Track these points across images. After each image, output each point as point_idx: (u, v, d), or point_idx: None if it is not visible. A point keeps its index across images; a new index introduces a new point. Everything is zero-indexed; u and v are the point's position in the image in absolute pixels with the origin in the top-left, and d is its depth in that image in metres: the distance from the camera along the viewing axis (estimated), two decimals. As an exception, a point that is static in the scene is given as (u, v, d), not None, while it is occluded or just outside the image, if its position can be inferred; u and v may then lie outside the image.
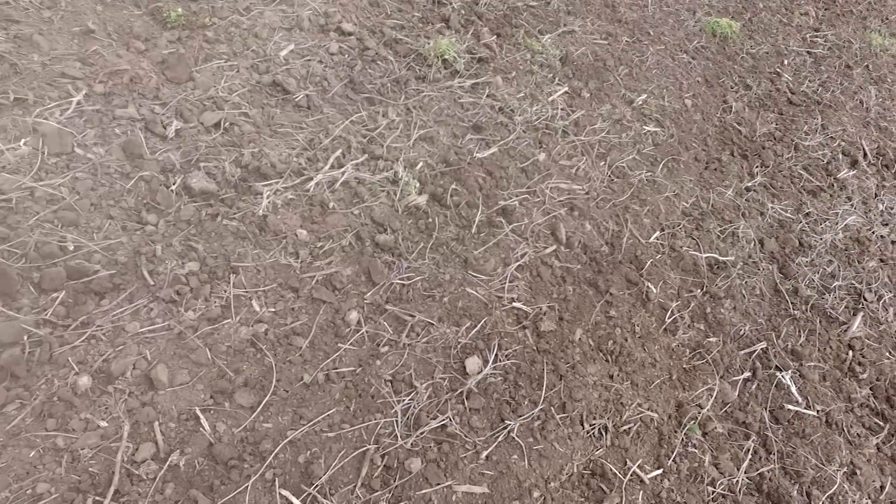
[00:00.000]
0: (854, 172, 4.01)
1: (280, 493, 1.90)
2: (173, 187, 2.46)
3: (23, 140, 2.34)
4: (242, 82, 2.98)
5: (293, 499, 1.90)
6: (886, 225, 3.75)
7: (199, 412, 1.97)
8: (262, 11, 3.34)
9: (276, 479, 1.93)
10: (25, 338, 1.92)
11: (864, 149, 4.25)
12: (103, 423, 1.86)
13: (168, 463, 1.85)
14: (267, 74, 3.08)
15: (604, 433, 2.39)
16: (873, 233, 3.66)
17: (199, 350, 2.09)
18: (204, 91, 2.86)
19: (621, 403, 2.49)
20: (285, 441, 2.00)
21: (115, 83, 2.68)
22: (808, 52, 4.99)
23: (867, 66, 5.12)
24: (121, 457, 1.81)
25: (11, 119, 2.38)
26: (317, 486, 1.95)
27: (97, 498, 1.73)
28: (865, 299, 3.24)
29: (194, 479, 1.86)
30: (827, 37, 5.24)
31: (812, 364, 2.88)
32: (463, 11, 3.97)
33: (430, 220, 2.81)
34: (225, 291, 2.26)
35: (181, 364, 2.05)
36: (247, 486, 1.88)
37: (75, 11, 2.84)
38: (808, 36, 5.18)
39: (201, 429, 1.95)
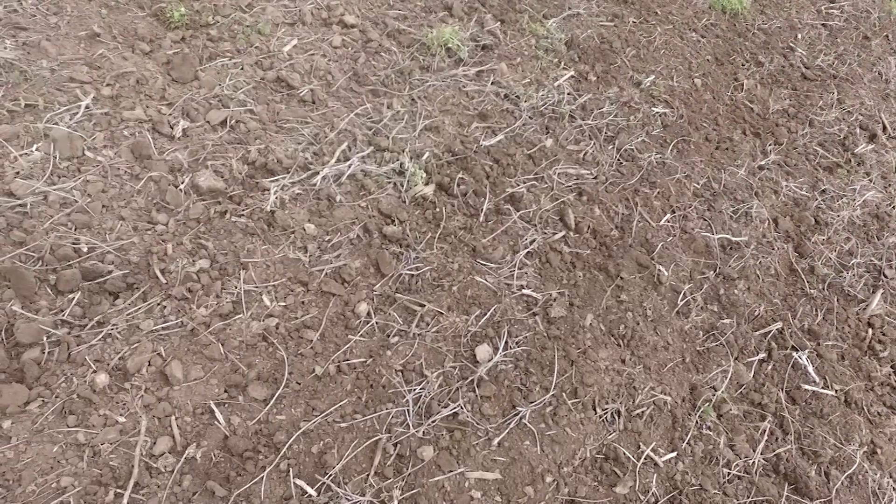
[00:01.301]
0: (873, 147, 3.91)
1: (295, 483, 1.94)
2: (182, 186, 2.50)
3: (35, 145, 2.39)
4: (247, 79, 3.00)
5: (308, 488, 1.93)
6: (907, 199, 3.66)
7: (213, 406, 2.02)
8: (265, 8, 3.36)
9: (291, 469, 1.96)
10: (45, 338, 1.98)
11: (883, 122, 4.14)
12: (121, 419, 1.91)
13: (185, 456, 1.90)
14: (271, 70, 3.09)
15: (616, 417, 2.39)
16: (894, 208, 3.58)
17: (212, 346, 2.13)
18: (209, 90, 2.88)
19: (634, 387, 2.48)
20: (299, 432, 2.04)
21: (121, 85, 2.72)
22: (823, 25, 4.86)
23: (887, 35, 4.98)
24: (139, 451, 1.86)
25: (23, 125, 2.43)
26: (331, 475, 1.98)
27: (118, 490, 1.79)
28: (885, 276, 3.18)
29: (211, 471, 1.90)
30: (843, 7, 5.10)
31: (830, 343, 2.84)
32: (466, -1, 3.94)
33: (438, 209, 2.81)
34: (235, 287, 2.30)
35: (195, 360, 2.10)
36: (262, 477, 1.92)
37: (81, 16, 2.88)
38: (823, 7, 5.04)
39: (216, 422, 1.99)
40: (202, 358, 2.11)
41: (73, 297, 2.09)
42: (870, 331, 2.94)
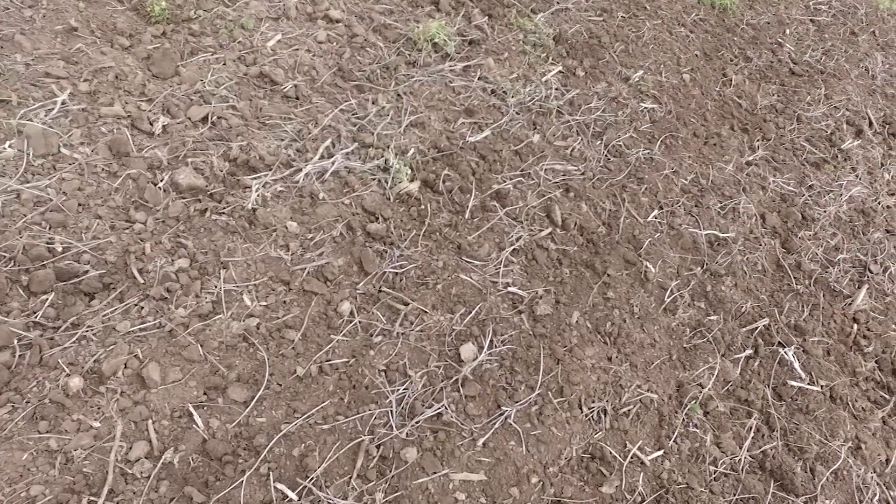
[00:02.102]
0: (859, 142, 3.92)
1: (275, 487, 1.90)
2: (161, 184, 2.44)
3: (8, 142, 2.33)
4: (229, 75, 2.95)
5: (288, 492, 1.90)
6: (893, 195, 3.67)
7: (192, 409, 1.97)
8: (248, 2, 3.30)
9: (271, 473, 1.93)
10: (16, 341, 1.92)
11: (869, 117, 4.15)
12: (96, 424, 1.86)
13: (162, 461, 1.86)
14: (254, 66, 3.04)
15: (603, 416, 2.37)
16: (879, 203, 3.58)
17: (191, 347, 2.09)
18: (190, 85, 2.83)
19: (620, 385, 2.46)
20: (279, 435, 2.00)
21: (99, 81, 2.66)
22: (811, 20, 4.86)
23: (873, 31, 4.98)
24: (114, 456, 1.81)
25: (-4, 122, 2.37)
26: (312, 478, 1.95)
27: (91, 498, 1.74)
28: (871, 271, 3.18)
29: (189, 476, 1.86)
30: (831, 3, 5.10)
31: (816, 339, 2.84)
32: (452, -7, 3.89)
33: (423, 206, 2.77)
34: (215, 287, 2.25)
35: (173, 361, 2.05)
36: (242, 482, 1.88)
37: (57, 9, 2.81)
38: (811, 3, 5.04)
39: (195, 425, 1.95)
40: (180, 359, 2.07)
41: (47, 299, 2.04)
42: (855, 326, 2.94)
